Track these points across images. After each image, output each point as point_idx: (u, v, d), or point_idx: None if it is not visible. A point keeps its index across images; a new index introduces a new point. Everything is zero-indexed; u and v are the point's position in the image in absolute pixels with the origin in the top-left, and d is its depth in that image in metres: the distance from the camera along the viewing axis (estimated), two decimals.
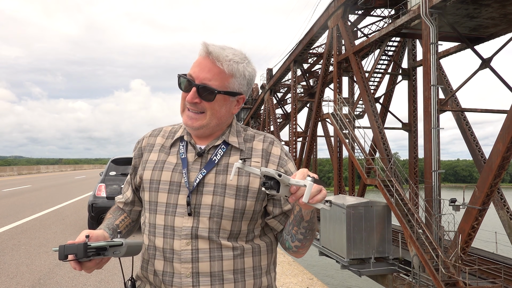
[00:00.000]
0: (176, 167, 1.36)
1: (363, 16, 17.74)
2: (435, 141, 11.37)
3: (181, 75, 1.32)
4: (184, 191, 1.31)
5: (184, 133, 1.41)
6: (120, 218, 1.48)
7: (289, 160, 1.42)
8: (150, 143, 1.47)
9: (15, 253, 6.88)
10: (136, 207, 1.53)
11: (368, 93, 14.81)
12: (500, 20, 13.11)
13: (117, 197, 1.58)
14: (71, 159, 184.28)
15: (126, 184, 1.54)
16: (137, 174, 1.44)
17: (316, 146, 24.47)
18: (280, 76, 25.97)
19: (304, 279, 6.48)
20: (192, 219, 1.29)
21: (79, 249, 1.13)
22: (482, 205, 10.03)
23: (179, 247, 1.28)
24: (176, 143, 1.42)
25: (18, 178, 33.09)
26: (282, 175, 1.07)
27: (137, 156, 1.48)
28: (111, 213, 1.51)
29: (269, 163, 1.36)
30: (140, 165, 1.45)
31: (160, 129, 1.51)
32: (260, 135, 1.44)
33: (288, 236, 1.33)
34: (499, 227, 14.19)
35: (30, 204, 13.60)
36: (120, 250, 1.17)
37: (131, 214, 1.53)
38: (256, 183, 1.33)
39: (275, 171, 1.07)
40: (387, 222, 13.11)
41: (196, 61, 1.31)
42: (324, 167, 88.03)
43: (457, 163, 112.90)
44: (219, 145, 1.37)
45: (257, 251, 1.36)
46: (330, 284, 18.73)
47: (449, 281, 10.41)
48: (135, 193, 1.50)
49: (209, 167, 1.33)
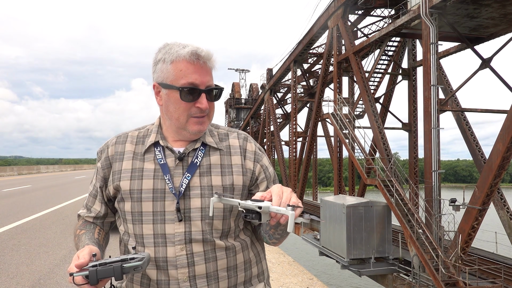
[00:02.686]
0: (156, 174, 1.32)
1: (363, 16, 17.74)
2: (435, 141, 11.37)
3: (184, 87, 1.27)
4: (170, 197, 1.29)
5: (159, 138, 1.37)
6: (96, 231, 1.41)
7: (263, 155, 1.46)
8: (118, 151, 1.40)
9: (15, 253, 6.88)
10: (108, 218, 1.47)
11: (368, 93, 14.81)
12: (500, 20, 13.11)
13: (81, 212, 1.49)
14: (71, 159, 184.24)
15: (91, 198, 1.45)
16: (109, 185, 1.38)
17: (316, 146, 24.47)
18: (280, 76, 25.96)
19: (304, 279, 6.48)
20: (183, 224, 1.28)
21: (117, 272, 1.06)
22: (482, 205, 10.03)
23: (174, 253, 1.27)
24: (150, 149, 1.37)
25: (18, 178, 33.09)
26: (262, 207, 1.07)
27: (105, 166, 1.40)
28: (82, 227, 1.42)
29: (246, 160, 1.40)
30: (111, 175, 1.38)
31: (125, 135, 1.44)
32: (233, 132, 1.46)
33: (266, 234, 1.35)
34: (499, 227, 14.19)
35: (30, 204, 13.60)
36: (142, 266, 1.10)
37: (104, 226, 1.48)
38: (240, 181, 1.36)
39: (254, 205, 1.08)
40: (387, 222, 13.11)
41: (186, 68, 1.27)
42: (324, 167, 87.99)
43: (457, 163, 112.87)
44: (198, 147, 1.36)
45: (244, 246, 1.40)
46: (330, 284, 18.73)
47: (449, 281, 10.41)
48: (107, 206, 1.44)
49: (192, 170, 1.32)
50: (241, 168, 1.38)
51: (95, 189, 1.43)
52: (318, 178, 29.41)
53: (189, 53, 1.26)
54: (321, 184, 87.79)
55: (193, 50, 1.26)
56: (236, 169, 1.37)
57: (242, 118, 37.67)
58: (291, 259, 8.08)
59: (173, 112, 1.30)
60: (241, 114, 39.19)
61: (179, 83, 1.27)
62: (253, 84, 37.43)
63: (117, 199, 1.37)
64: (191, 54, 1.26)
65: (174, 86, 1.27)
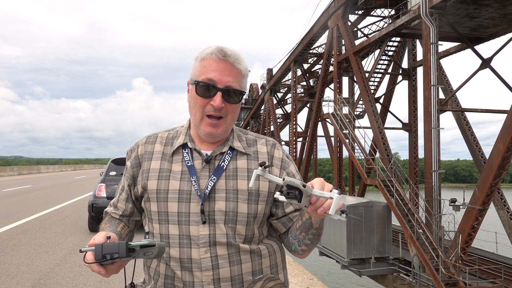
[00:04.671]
0: (183, 175, 1.33)
1: (363, 16, 17.74)
2: (435, 141, 11.37)
3: (200, 81, 1.29)
4: (195, 199, 1.29)
5: (187, 140, 1.38)
6: (120, 226, 1.43)
7: (291, 162, 1.44)
8: (148, 150, 1.41)
9: (15, 253, 6.88)
10: (134, 217, 1.48)
11: (368, 93, 14.81)
12: (500, 20, 13.11)
13: (108, 209, 1.50)
14: (71, 159, 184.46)
15: (119, 196, 1.47)
16: (138, 184, 1.39)
17: (316, 146, 24.46)
18: (280, 76, 25.97)
19: (304, 279, 6.48)
20: (208, 227, 1.28)
21: (122, 248, 1.08)
22: (482, 205, 10.03)
23: (198, 255, 1.27)
24: (178, 151, 1.38)
25: (18, 178, 33.10)
26: (306, 186, 1.07)
27: (135, 165, 1.41)
28: (107, 222, 1.44)
29: (273, 166, 1.38)
30: (139, 174, 1.39)
31: (155, 136, 1.45)
32: (261, 139, 1.45)
33: (295, 240, 1.33)
34: (499, 227, 14.19)
35: (30, 204, 13.60)
36: (152, 251, 1.11)
37: (129, 223, 1.49)
38: (266, 187, 1.34)
39: (300, 182, 1.07)
40: (387, 222, 13.11)
41: (209, 65, 1.28)
42: (324, 167, 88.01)
43: (457, 163, 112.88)
44: (225, 151, 1.36)
45: (271, 250, 1.38)
46: (330, 284, 18.72)
47: (449, 281, 10.41)
48: (134, 204, 1.45)
49: (219, 173, 1.32)
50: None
51: (124, 188, 1.45)
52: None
53: (215, 51, 1.28)
54: None
55: (219, 47, 1.29)
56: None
57: (242, 118, 37.66)
58: (291, 259, 8.09)
59: (192, 107, 1.33)
60: (241, 114, 39.18)
61: (199, 78, 1.29)
62: (253, 84, 37.43)
63: (144, 199, 1.38)
64: (216, 51, 1.28)
65: (194, 80, 1.30)
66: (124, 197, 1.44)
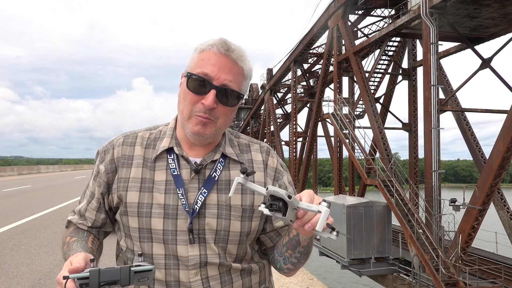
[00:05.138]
0: (168, 186, 1.15)
1: (363, 16, 17.75)
2: (435, 141, 11.37)
3: (194, 74, 1.12)
4: (183, 215, 1.13)
5: (173, 144, 1.20)
6: (90, 240, 1.22)
7: (285, 172, 1.29)
8: (126, 154, 1.21)
9: (15, 253, 6.88)
10: (106, 228, 1.29)
11: (368, 93, 14.81)
12: (500, 20, 13.11)
13: (72, 218, 1.29)
14: (72, 159, 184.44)
15: (86, 204, 1.25)
16: (113, 193, 1.19)
17: (316, 146, 24.46)
18: (280, 76, 25.97)
19: (304, 279, 6.47)
20: (198, 247, 1.14)
21: (124, 274, 0.91)
22: (482, 205, 10.02)
23: (187, 278, 1.13)
24: (162, 156, 1.20)
25: (18, 178, 33.10)
26: (292, 197, 0.93)
27: (110, 170, 1.20)
28: (74, 234, 1.22)
29: (267, 177, 1.24)
30: (115, 182, 1.19)
31: (134, 135, 1.25)
32: (255, 144, 1.30)
33: (281, 257, 1.21)
34: (499, 227, 14.19)
35: (30, 204, 13.60)
36: (148, 276, 0.95)
37: (99, 235, 1.29)
38: (260, 201, 1.20)
39: (285, 192, 0.93)
40: (387, 222, 13.11)
41: (209, 59, 1.12)
42: (324, 167, 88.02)
43: (457, 163, 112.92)
44: (217, 159, 1.20)
45: (261, 265, 1.28)
46: (330, 284, 18.73)
47: (449, 281, 10.41)
48: (107, 215, 1.25)
49: (210, 186, 1.16)
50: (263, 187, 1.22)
51: (94, 195, 1.24)
52: (318, 178, 29.43)
53: (217, 43, 1.12)
54: (321, 184, 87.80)
55: (222, 40, 1.13)
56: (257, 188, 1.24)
57: (242, 118, 37.64)
58: None
59: (180, 103, 1.16)
60: (241, 114, 39.14)
61: (194, 71, 1.12)
62: (253, 84, 37.42)
63: (120, 212, 1.19)
64: (219, 44, 1.12)
65: (188, 72, 1.14)
66: (95, 206, 1.24)
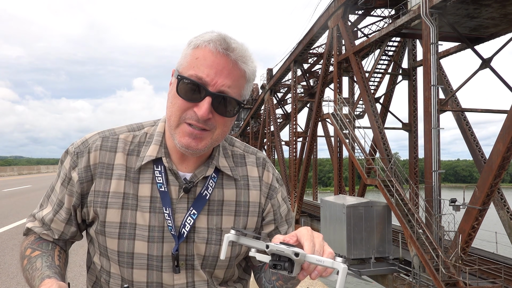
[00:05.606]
0: (153, 203, 1.00)
1: (363, 16, 17.75)
2: (435, 141, 11.37)
3: (185, 77, 0.94)
4: (169, 239, 1.00)
5: (161, 154, 1.03)
6: (56, 254, 1.06)
7: (280, 188, 1.14)
8: (105, 162, 1.03)
9: (15, 253, 6.88)
10: (75, 239, 1.14)
11: (368, 93, 14.81)
12: (500, 20, 13.11)
13: (33, 226, 1.10)
14: None
15: (52, 214, 1.07)
16: (88, 207, 1.03)
17: (316, 146, 24.50)
18: (280, 76, 25.98)
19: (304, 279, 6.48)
20: (185, 274, 1.02)
21: None
22: (482, 205, 10.03)
23: None
24: (147, 166, 1.03)
25: (18, 178, 33.10)
26: (300, 254, 0.79)
27: (85, 179, 1.02)
28: (36, 247, 1.05)
29: (261, 194, 1.11)
30: (90, 194, 1.02)
31: (114, 138, 1.05)
32: (250, 156, 1.14)
33: (270, 285, 1.09)
34: (499, 227, 14.19)
35: (30, 204, 13.60)
36: None
37: (67, 246, 1.14)
38: (254, 223, 1.09)
39: (291, 250, 0.79)
40: (387, 222, 13.12)
41: (205, 58, 0.94)
42: (324, 167, 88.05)
43: (457, 163, 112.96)
44: (210, 175, 1.05)
45: (244, 283, 1.18)
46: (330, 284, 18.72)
47: (449, 281, 10.41)
48: (78, 227, 1.09)
49: (200, 206, 1.02)
50: (258, 208, 1.10)
51: (62, 204, 1.05)
52: (318, 178, 29.45)
53: (215, 39, 0.94)
54: (321, 184, 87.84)
55: (221, 35, 0.94)
56: (253, 209, 1.09)
57: (242, 118, 37.66)
58: None
59: (169, 107, 0.98)
60: (241, 114, 39.15)
61: (187, 73, 0.95)
62: (254, 84, 37.45)
63: (96, 230, 1.03)
64: (217, 40, 0.93)
65: (178, 74, 0.96)
66: (64, 218, 1.06)
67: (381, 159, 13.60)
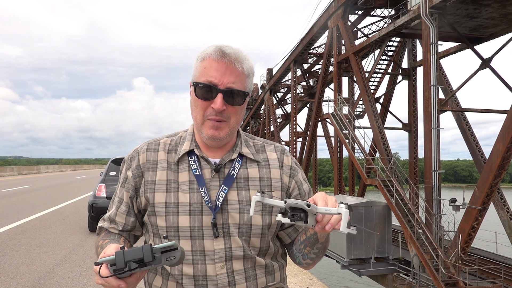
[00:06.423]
0: (192, 186, 1.25)
1: (363, 16, 17.74)
2: (435, 141, 11.37)
3: (200, 82, 1.22)
4: (207, 212, 1.22)
5: (193, 146, 1.30)
6: (121, 240, 1.31)
7: (299, 170, 1.39)
8: (151, 159, 1.31)
9: (15, 253, 6.88)
10: (136, 231, 1.37)
11: (368, 93, 14.81)
12: (500, 20, 13.12)
13: (103, 224, 1.37)
14: (71, 159, 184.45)
15: (116, 210, 1.34)
16: (141, 196, 1.28)
17: (316, 146, 24.46)
18: (280, 76, 25.98)
19: (304, 279, 6.48)
20: (223, 240, 1.22)
21: (147, 252, 0.96)
22: (482, 205, 10.03)
23: (214, 272, 1.20)
24: (183, 158, 1.29)
25: (18, 178, 33.09)
26: (311, 205, 1.01)
27: (137, 175, 1.30)
28: (106, 237, 1.31)
29: (283, 174, 1.33)
30: (142, 185, 1.29)
31: (156, 142, 1.35)
32: (270, 145, 1.39)
33: (300, 254, 1.30)
34: (499, 227, 14.19)
35: (30, 204, 13.60)
36: (175, 255, 0.99)
37: (130, 238, 1.37)
38: (278, 196, 1.30)
39: (304, 202, 1.01)
40: (387, 222, 13.11)
41: (210, 66, 1.21)
42: (324, 167, 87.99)
43: (457, 163, 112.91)
44: (235, 158, 1.29)
45: (281, 265, 1.35)
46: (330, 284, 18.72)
47: (449, 281, 10.41)
48: (136, 218, 1.33)
49: (229, 183, 1.25)
50: (280, 183, 1.32)
51: (122, 200, 1.33)
52: (318, 178, 29.40)
53: (214, 51, 1.21)
54: (321, 184, 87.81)
55: (217, 47, 1.21)
56: (275, 184, 1.31)
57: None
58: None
59: (193, 110, 1.26)
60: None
61: (199, 80, 1.22)
62: (254, 84, 37.47)
63: (148, 213, 1.27)
64: (215, 51, 1.21)
65: (194, 82, 1.24)
66: (124, 210, 1.32)
67: (381, 159, 13.60)
